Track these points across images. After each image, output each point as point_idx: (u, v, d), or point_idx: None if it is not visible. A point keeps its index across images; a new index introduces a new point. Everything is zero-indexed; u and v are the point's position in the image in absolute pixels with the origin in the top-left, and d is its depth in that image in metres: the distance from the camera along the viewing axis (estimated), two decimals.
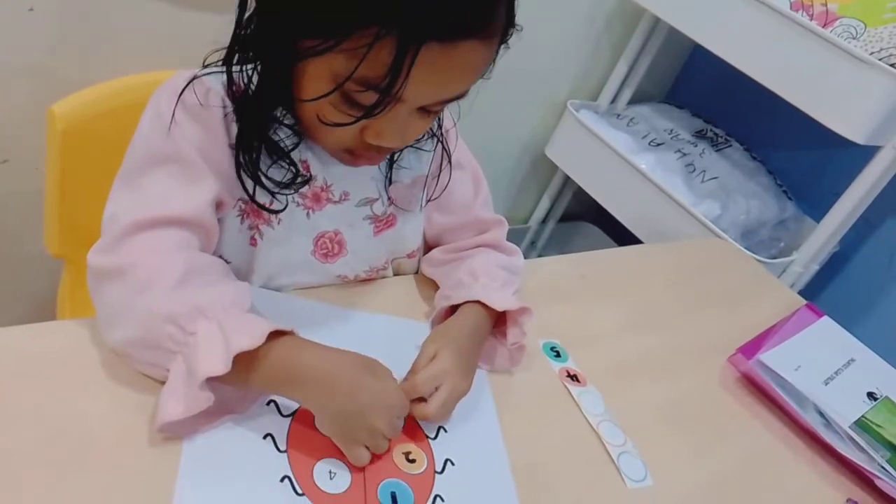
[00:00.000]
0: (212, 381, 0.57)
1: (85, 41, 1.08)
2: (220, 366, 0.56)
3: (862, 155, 1.34)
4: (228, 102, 0.68)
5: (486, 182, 0.89)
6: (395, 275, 0.89)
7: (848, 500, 0.84)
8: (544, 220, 2.06)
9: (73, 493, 0.54)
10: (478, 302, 0.78)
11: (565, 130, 1.76)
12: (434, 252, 0.89)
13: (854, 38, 1.29)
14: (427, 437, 0.69)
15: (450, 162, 0.83)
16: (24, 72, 1.06)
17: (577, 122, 1.70)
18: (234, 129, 0.68)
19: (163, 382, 0.59)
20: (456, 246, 0.88)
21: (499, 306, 0.77)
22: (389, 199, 0.80)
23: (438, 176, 0.84)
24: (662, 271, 1.17)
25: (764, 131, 1.73)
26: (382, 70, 0.57)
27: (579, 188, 1.82)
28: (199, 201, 0.66)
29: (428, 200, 0.85)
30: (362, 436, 0.62)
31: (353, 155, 0.70)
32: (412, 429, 0.69)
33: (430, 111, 0.66)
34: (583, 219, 2.14)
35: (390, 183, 0.80)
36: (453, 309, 0.80)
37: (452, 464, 0.67)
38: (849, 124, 1.29)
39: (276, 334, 0.60)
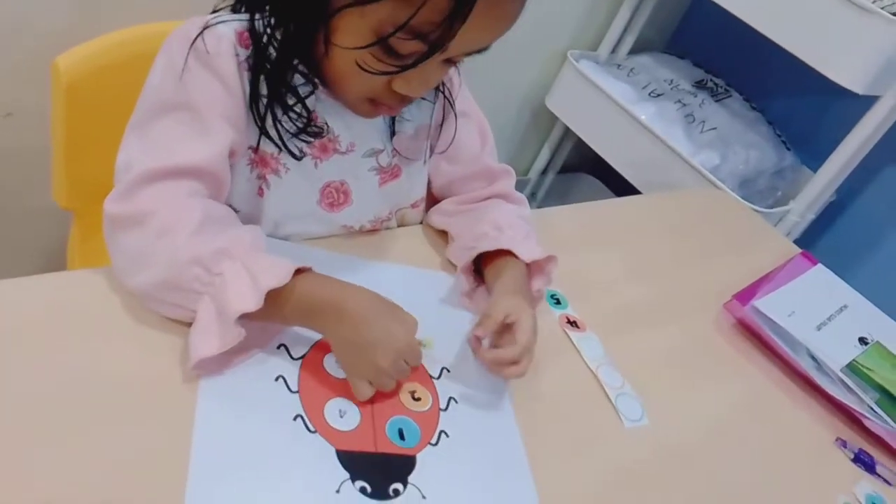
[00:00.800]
0: (238, 319, 0.60)
1: None
2: (252, 302, 0.59)
3: (860, 105, 1.35)
4: (241, 50, 0.68)
5: (491, 131, 0.91)
6: (398, 226, 0.91)
7: (837, 438, 0.88)
8: (544, 172, 2.07)
9: (97, 433, 0.56)
10: (505, 254, 0.80)
11: (565, 81, 1.76)
12: (445, 203, 0.90)
13: None
14: (431, 377, 0.72)
15: (454, 113, 0.84)
16: (25, 25, 1.05)
17: (578, 73, 1.70)
18: (246, 76, 0.68)
19: (188, 324, 0.62)
20: (468, 197, 0.89)
21: (527, 258, 0.80)
22: (394, 150, 0.81)
23: (441, 125, 0.85)
24: (661, 221, 1.18)
25: (763, 81, 1.73)
26: (437, 18, 0.58)
27: (579, 139, 1.83)
28: (213, 150, 0.67)
29: (434, 153, 0.87)
30: (366, 370, 0.64)
31: (373, 105, 0.71)
32: (417, 369, 0.71)
33: (454, 61, 0.67)
34: (582, 170, 2.15)
35: (393, 134, 0.81)
36: (476, 262, 0.83)
37: (456, 402, 0.70)
38: (848, 74, 1.29)
39: (297, 272, 0.63)
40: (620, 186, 1.77)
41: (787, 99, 1.74)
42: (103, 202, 0.64)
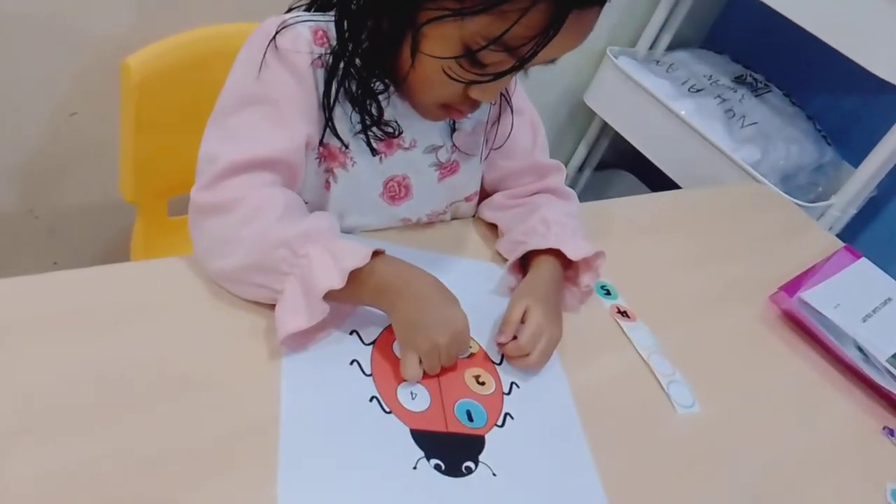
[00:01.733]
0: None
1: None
2: (338, 280, 0.63)
3: None
4: (316, 48, 0.72)
5: (543, 127, 0.93)
6: (452, 218, 0.94)
7: (884, 427, 0.89)
8: (581, 168, 2.09)
9: (188, 407, 0.60)
10: (550, 251, 0.83)
11: (604, 77, 1.77)
12: (496, 196, 0.93)
13: None
14: (493, 362, 0.75)
15: (511, 110, 0.87)
16: (88, 31, 1.10)
17: (617, 69, 1.72)
18: (321, 74, 0.72)
19: (268, 306, 0.67)
20: (518, 191, 0.92)
21: (573, 256, 0.82)
22: (454, 146, 0.85)
23: (498, 121, 0.88)
24: (704, 214, 1.20)
25: (804, 76, 1.74)
26: (530, 34, 0.61)
27: (616, 135, 1.84)
28: (291, 143, 0.71)
29: (491, 149, 0.90)
30: (423, 346, 0.67)
31: (445, 109, 0.74)
32: (480, 355, 0.75)
33: (526, 69, 0.70)
34: (618, 166, 2.16)
35: (453, 131, 0.84)
36: (523, 257, 0.85)
37: (517, 386, 0.73)
38: (889, 67, 1.29)
39: (373, 254, 0.68)
40: (657, 182, 1.79)
41: (827, 93, 1.74)
42: (190, 192, 0.69)
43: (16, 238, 1.26)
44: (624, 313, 0.90)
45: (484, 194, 0.96)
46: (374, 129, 0.76)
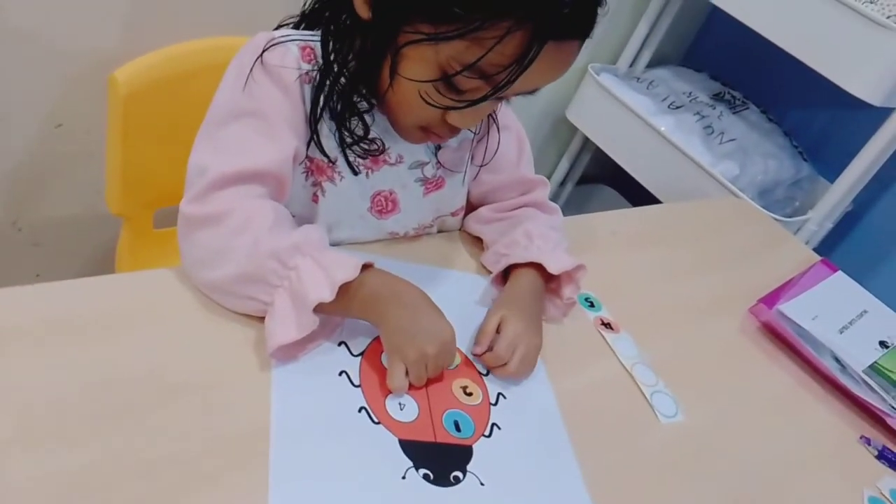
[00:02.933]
0: None
1: (135, 10, 1.12)
2: (328, 293, 0.64)
3: (876, 116, 1.38)
4: (304, 64, 0.73)
5: (528, 142, 0.95)
6: (438, 231, 0.95)
7: (862, 436, 0.91)
8: (562, 183, 2.11)
9: (181, 412, 0.61)
10: (531, 264, 0.85)
11: (586, 93, 1.80)
12: (482, 210, 0.95)
13: (871, 2, 1.33)
14: (480, 373, 0.76)
15: (497, 128, 0.89)
16: (75, 43, 1.10)
17: (598, 86, 1.74)
18: (308, 89, 0.73)
19: (256, 318, 0.68)
20: (503, 205, 0.93)
21: (554, 270, 0.83)
22: (439, 163, 0.86)
23: (486, 138, 0.89)
24: (685, 228, 1.23)
25: (780, 93, 1.77)
26: (504, 62, 0.62)
27: (597, 151, 1.87)
28: (280, 155, 0.72)
29: (479, 166, 0.91)
30: (410, 355, 0.68)
31: (424, 132, 0.75)
32: (467, 365, 0.76)
33: (507, 98, 0.71)
34: (599, 181, 2.19)
35: (439, 148, 0.85)
36: (506, 270, 0.87)
37: (504, 397, 0.74)
38: (865, 86, 1.33)
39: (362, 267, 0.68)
40: (637, 197, 1.81)
41: (804, 110, 1.78)
42: (179, 204, 0.69)
43: None
44: (608, 325, 0.91)
45: (470, 207, 0.97)
46: (356, 147, 0.77)
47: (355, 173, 0.79)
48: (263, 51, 0.71)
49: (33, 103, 1.13)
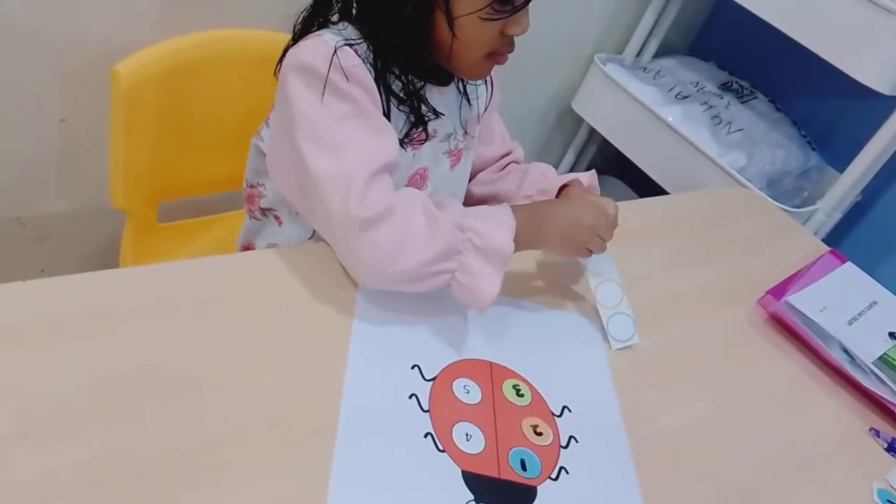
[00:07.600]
0: None
1: (137, 3, 1.12)
2: (510, 240, 0.73)
3: (885, 105, 1.37)
4: (360, 59, 0.75)
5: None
6: None
7: (871, 428, 0.90)
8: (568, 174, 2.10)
9: (184, 407, 0.60)
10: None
11: (592, 84, 1.78)
12: (481, 175, 1.04)
13: None
14: (553, 413, 0.74)
15: (492, 82, 0.96)
16: (77, 37, 1.10)
17: (605, 76, 1.73)
18: (371, 74, 0.76)
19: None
20: (496, 166, 1.05)
21: (586, 182, 0.98)
22: (464, 131, 0.90)
23: (486, 109, 0.95)
24: (692, 219, 1.22)
25: (788, 83, 1.76)
26: None
27: (603, 142, 1.85)
28: (394, 144, 0.76)
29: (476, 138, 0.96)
30: (584, 236, 0.82)
31: (491, 59, 0.80)
32: (539, 405, 0.74)
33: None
34: (605, 172, 2.17)
35: (469, 104, 0.90)
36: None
37: (576, 441, 0.72)
38: (874, 74, 1.31)
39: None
40: (644, 188, 1.80)
41: (812, 100, 1.76)
42: (336, 213, 0.71)
43: (2, 246, 1.25)
44: None
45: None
46: (418, 126, 0.82)
47: (415, 145, 0.84)
48: (332, 56, 0.73)
49: (36, 99, 1.13)
